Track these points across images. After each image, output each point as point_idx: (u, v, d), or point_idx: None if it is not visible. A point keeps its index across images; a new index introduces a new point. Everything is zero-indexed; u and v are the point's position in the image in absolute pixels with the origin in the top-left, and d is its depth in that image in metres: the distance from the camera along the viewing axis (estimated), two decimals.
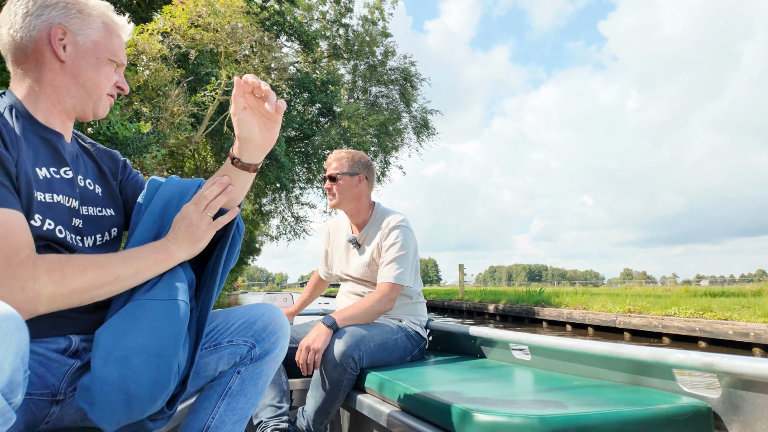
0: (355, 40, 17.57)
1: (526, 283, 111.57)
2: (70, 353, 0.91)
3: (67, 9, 0.94)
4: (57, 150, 0.95)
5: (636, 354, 1.21)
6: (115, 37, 1.01)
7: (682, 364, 1.10)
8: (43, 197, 0.87)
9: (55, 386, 0.86)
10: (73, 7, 0.95)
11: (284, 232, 18.36)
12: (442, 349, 2.09)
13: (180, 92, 7.25)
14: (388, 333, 1.77)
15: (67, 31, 0.93)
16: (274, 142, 1.01)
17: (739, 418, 1.02)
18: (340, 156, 1.99)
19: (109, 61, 1.00)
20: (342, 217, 2.13)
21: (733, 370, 0.99)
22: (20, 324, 0.58)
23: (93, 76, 0.97)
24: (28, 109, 0.93)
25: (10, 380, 0.57)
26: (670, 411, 1.02)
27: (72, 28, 0.94)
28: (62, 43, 0.93)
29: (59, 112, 0.97)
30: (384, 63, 18.06)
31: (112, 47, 1.00)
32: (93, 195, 1.03)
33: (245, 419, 1.10)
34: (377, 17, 17.77)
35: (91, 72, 0.97)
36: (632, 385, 1.24)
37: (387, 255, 1.86)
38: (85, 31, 0.96)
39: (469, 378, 1.45)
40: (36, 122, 0.93)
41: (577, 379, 1.35)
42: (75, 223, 0.95)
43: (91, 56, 0.97)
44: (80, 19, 0.95)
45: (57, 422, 0.89)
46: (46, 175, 0.90)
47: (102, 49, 0.98)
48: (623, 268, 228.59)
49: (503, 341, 1.70)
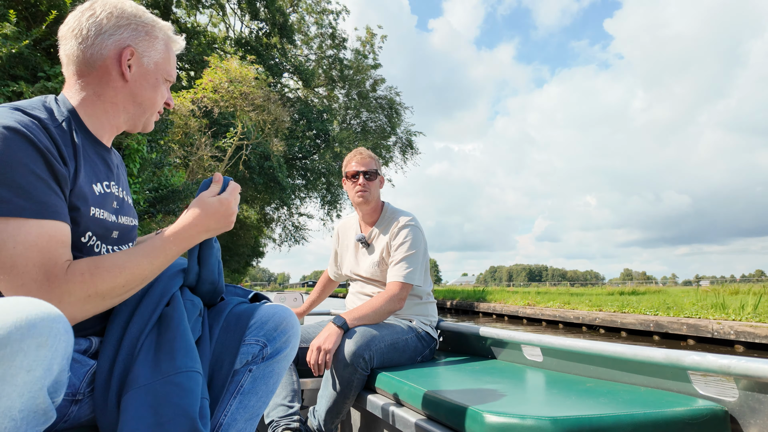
0: (347, 71, 21.41)
1: (526, 283, 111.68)
2: (90, 354, 0.93)
3: (137, 31, 0.97)
4: (108, 164, 0.99)
5: (650, 356, 1.20)
6: (172, 57, 1.05)
7: (698, 367, 1.09)
8: (95, 212, 0.90)
9: (75, 386, 0.88)
10: (142, 28, 0.98)
11: (285, 239, 22.86)
12: (452, 350, 2.09)
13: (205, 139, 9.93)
14: (399, 333, 1.76)
15: (135, 52, 0.96)
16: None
17: (756, 422, 1.01)
18: (369, 154, 1.99)
19: (165, 80, 1.04)
20: (351, 218, 2.13)
21: (750, 372, 0.98)
22: (68, 327, 0.60)
23: (151, 96, 1.01)
24: (83, 121, 0.95)
25: (56, 380, 0.60)
26: (686, 414, 1.01)
27: (139, 49, 0.97)
28: (129, 63, 0.96)
29: (111, 126, 1.00)
30: (374, 89, 22.01)
31: (169, 68, 1.04)
32: (128, 206, 1.07)
33: (257, 417, 1.11)
34: (368, 50, 21.64)
35: (149, 92, 1.01)
36: (646, 388, 1.23)
37: (396, 254, 1.86)
38: (150, 53, 0.99)
39: (480, 379, 1.45)
40: (92, 136, 0.96)
41: (589, 381, 1.35)
42: (113, 235, 0.98)
43: (152, 77, 1.00)
44: (147, 41, 0.99)
45: (74, 421, 0.90)
46: (101, 191, 0.93)
47: (161, 70, 1.02)
48: (623, 269, 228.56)
49: (515, 342, 1.69)
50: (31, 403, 0.56)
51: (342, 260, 2.16)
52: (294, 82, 21.13)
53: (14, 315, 0.54)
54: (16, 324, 0.53)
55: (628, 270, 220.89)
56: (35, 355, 0.55)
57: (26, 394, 0.55)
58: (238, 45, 19.13)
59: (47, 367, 0.56)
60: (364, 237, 1.99)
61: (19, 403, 0.54)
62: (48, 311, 0.58)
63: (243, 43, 19.15)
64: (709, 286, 18.30)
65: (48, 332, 0.56)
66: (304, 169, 20.81)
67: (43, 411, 0.58)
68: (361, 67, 21.19)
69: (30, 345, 0.54)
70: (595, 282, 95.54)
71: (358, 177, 1.93)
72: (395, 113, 22.05)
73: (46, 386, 0.57)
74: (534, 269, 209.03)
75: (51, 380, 0.58)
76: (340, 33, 21.00)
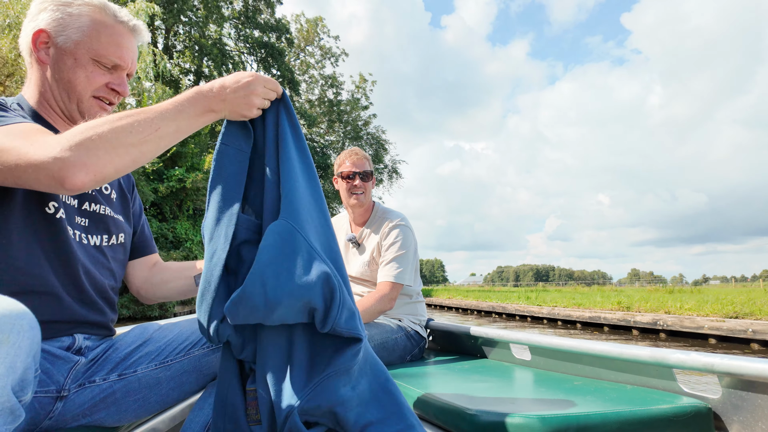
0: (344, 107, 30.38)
1: (533, 283, 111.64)
2: (74, 350, 0.93)
3: (55, 11, 0.93)
4: None
5: (636, 354, 1.20)
6: (104, 35, 0.95)
7: (683, 365, 1.09)
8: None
9: (59, 382, 0.87)
10: (61, 8, 0.93)
11: None
12: (442, 349, 2.09)
13: None
14: (388, 332, 1.76)
15: (49, 34, 0.92)
16: None
17: (739, 419, 1.01)
18: (364, 155, 1.98)
19: (94, 61, 0.95)
20: (341, 217, 2.13)
21: (733, 370, 0.98)
22: (33, 323, 0.59)
23: (71, 78, 0.94)
24: (36, 110, 0.96)
25: (22, 378, 0.58)
26: (670, 411, 1.01)
27: (54, 30, 0.93)
28: (45, 47, 0.93)
29: (56, 115, 0.98)
30: (366, 126, 31.25)
31: (98, 46, 0.94)
32: (106, 197, 1.06)
33: None
34: (360, 93, 31.13)
35: (68, 73, 0.94)
36: (632, 385, 1.24)
37: (387, 254, 1.86)
38: (66, 32, 0.93)
39: (469, 378, 1.44)
40: (45, 123, 0.95)
41: (577, 379, 1.35)
42: (79, 221, 0.97)
43: (71, 57, 0.93)
44: (64, 20, 0.93)
45: (59, 419, 0.90)
46: None
47: (86, 49, 0.94)
48: (631, 269, 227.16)
49: (504, 341, 1.69)
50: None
51: None
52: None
53: None
54: None
55: (636, 270, 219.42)
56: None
57: None
58: None
59: (9, 365, 0.55)
60: (354, 237, 1.99)
61: None
62: (10, 308, 0.56)
63: None
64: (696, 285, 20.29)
65: (9, 329, 0.54)
66: None
67: (9, 410, 0.56)
68: (354, 108, 30.04)
69: None
70: (603, 282, 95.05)
71: (354, 177, 1.91)
72: (382, 147, 30.71)
73: (10, 384, 0.56)
74: (541, 269, 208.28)
75: (15, 378, 0.56)
76: (339, 75, 29.99)
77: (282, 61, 25.61)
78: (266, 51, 25.46)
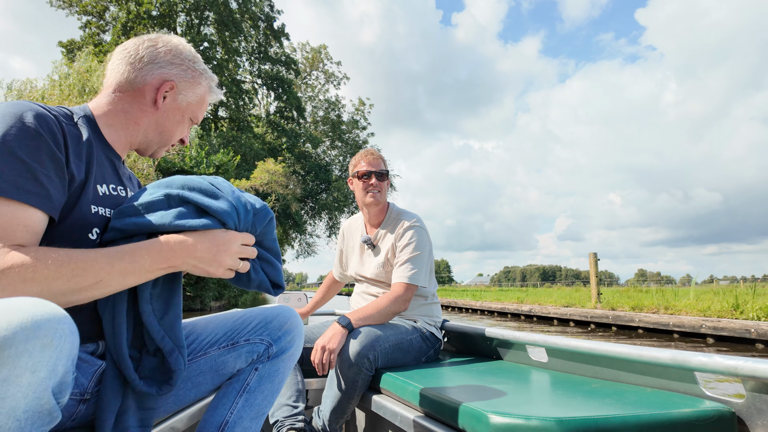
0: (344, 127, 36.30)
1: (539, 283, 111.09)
2: (98, 355, 0.96)
3: (185, 72, 1.07)
4: (116, 170, 1.02)
5: (657, 357, 1.18)
6: (205, 103, 1.14)
7: (705, 368, 1.07)
8: (98, 210, 0.92)
9: (84, 386, 0.90)
10: (190, 72, 1.08)
11: (301, 253, 35.56)
12: (457, 351, 2.08)
13: None
14: (403, 333, 1.76)
15: (174, 87, 1.05)
16: None
17: (764, 423, 1.00)
18: (380, 155, 1.98)
19: (190, 120, 1.12)
20: (356, 219, 2.14)
21: (757, 373, 0.97)
22: (73, 328, 0.60)
23: (171, 128, 1.09)
24: (100, 128, 0.99)
25: (61, 381, 0.60)
26: (692, 415, 0.99)
27: (180, 86, 1.06)
28: (165, 94, 1.03)
29: (126, 141, 1.05)
30: (365, 144, 36.33)
31: (198, 111, 1.13)
32: None
33: (262, 416, 1.13)
34: (359, 116, 37.14)
35: (172, 125, 1.09)
36: (653, 389, 1.22)
37: (402, 255, 1.86)
38: (187, 93, 1.08)
39: (484, 379, 1.44)
40: (104, 141, 0.99)
41: (595, 382, 1.33)
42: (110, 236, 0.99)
43: (180, 113, 1.09)
44: (190, 83, 1.08)
45: (82, 420, 0.92)
46: (105, 192, 0.95)
47: (191, 110, 1.11)
48: (638, 269, 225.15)
49: (520, 343, 1.68)
50: (36, 404, 0.56)
51: (347, 261, 2.16)
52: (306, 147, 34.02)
53: (19, 315, 0.54)
54: (21, 325, 0.53)
55: (643, 270, 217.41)
56: (40, 356, 0.55)
57: (31, 395, 0.55)
58: (268, 124, 32.05)
59: (52, 368, 0.56)
60: (369, 239, 1.99)
61: (24, 403, 0.54)
62: (54, 312, 0.57)
63: (271, 121, 31.96)
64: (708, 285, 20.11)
65: (53, 333, 0.56)
66: (313, 203, 33.74)
67: (47, 412, 0.58)
68: (354, 128, 36.14)
69: (35, 346, 0.54)
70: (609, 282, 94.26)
71: (370, 177, 1.92)
72: None
73: (51, 387, 0.57)
74: (548, 269, 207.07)
75: (56, 381, 0.58)
76: (341, 98, 37.10)
77: (290, 91, 30.85)
78: (277, 83, 30.72)
